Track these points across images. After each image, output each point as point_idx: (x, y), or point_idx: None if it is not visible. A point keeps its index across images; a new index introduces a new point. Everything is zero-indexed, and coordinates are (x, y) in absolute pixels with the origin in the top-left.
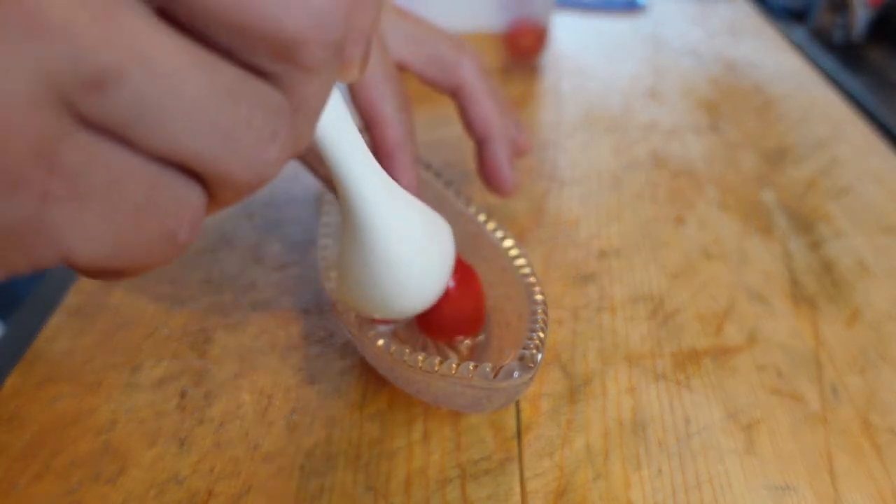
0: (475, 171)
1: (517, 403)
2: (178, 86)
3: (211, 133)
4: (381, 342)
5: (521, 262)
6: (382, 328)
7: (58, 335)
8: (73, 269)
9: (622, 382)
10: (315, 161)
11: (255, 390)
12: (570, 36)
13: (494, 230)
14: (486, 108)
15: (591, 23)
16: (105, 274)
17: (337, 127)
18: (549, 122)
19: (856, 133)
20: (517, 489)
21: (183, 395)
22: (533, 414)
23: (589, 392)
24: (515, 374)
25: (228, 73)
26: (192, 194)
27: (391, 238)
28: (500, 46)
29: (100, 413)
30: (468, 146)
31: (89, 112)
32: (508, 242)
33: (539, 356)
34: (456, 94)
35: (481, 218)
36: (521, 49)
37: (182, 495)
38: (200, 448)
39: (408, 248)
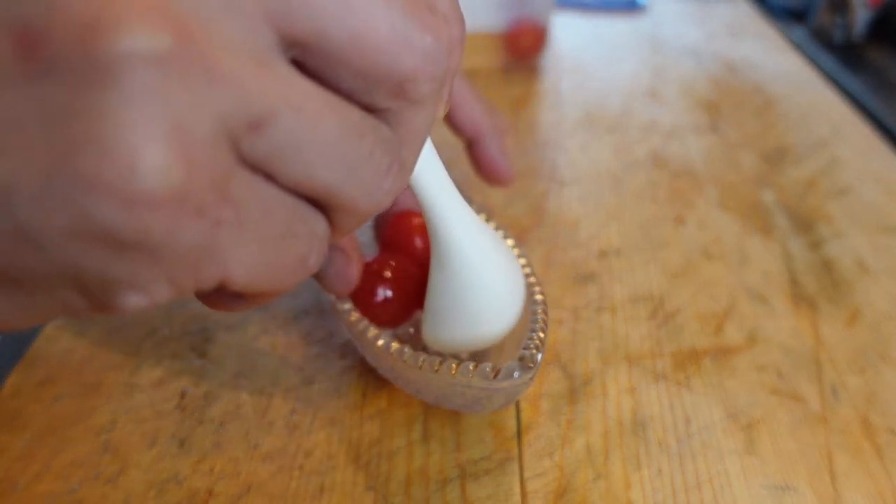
0: (475, 171)
1: (517, 403)
2: (318, 125)
3: (341, 166)
4: (381, 342)
5: (521, 262)
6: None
7: (58, 335)
8: (219, 296)
9: (622, 382)
10: None
11: (255, 390)
12: (570, 36)
13: (494, 230)
14: (473, 109)
15: (591, 23)
16: (247, 298)
17: (428, 162)
18: (549, 122)
19: (856, 133)
20: (517, 489)
21: (183, 395)
22: (533, 414)
23: (589, 392)
24: (515, 374)
25: (354, 113)
26: (320, 224)
27: (479, 262)
28: (500, 46)
29: (100, 413)
30: None
31: (247, 150)
32: (508, 242)
33: (539, 356)
34: None
35: (481, 218)
36: (521, 49)
37: (182, 495)
38: (200, 448)
39: (493, 272)
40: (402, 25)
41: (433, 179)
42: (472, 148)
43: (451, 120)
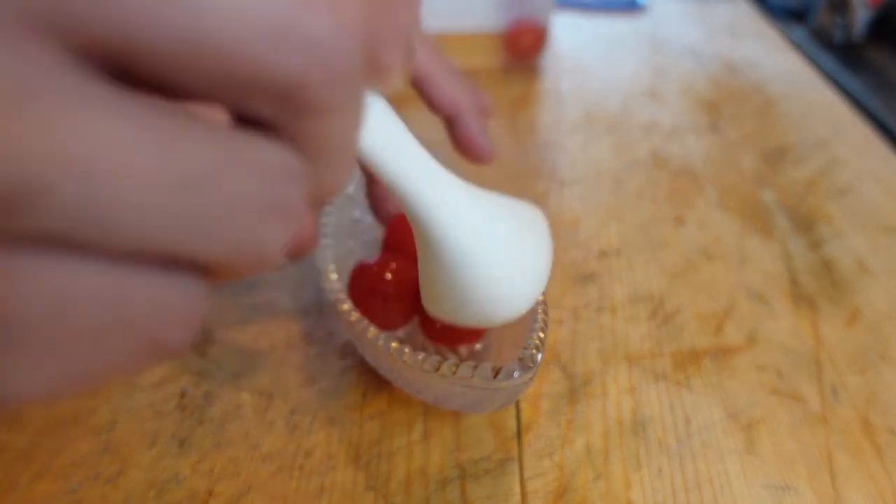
0: (476, 172)
1: (517, 403)
2: (132, 178)
3: (184, 222)
4: (381, 342)
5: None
6: None
7: None
8: None
9: (622, 382)
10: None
11: (255, 390)
12: (570, 36)
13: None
14: (449, 87)
15: (591, 23)
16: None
17: (385, 140)
18: (549, 122)
19: (856, 133)
20: (517, 489)
21: (183, 395)
22: (533, 414)
23: (589, 392)
24: (515, 374)
25: (206, 146)
26: (180, 289)
27: (470, 246)
28: (500, 46)
29: (100, 413)
30: None
31: (19, 230)
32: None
33: (539, 356)
34: (414, 83)
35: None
36: (521, 49)
37: (182, 495)
38: (200, 448)
39: (496, 258)
40: (272, 9)
41: (394, 151)
42: (451, 126)
43: (426, 97)
